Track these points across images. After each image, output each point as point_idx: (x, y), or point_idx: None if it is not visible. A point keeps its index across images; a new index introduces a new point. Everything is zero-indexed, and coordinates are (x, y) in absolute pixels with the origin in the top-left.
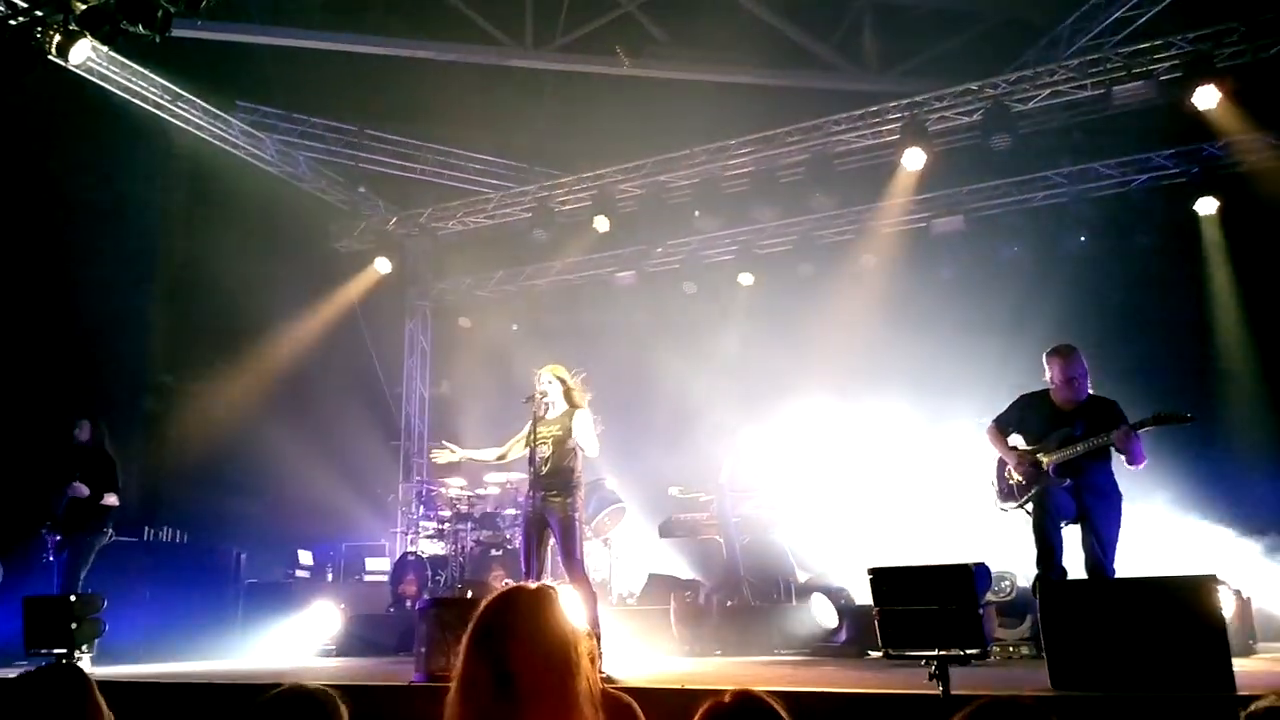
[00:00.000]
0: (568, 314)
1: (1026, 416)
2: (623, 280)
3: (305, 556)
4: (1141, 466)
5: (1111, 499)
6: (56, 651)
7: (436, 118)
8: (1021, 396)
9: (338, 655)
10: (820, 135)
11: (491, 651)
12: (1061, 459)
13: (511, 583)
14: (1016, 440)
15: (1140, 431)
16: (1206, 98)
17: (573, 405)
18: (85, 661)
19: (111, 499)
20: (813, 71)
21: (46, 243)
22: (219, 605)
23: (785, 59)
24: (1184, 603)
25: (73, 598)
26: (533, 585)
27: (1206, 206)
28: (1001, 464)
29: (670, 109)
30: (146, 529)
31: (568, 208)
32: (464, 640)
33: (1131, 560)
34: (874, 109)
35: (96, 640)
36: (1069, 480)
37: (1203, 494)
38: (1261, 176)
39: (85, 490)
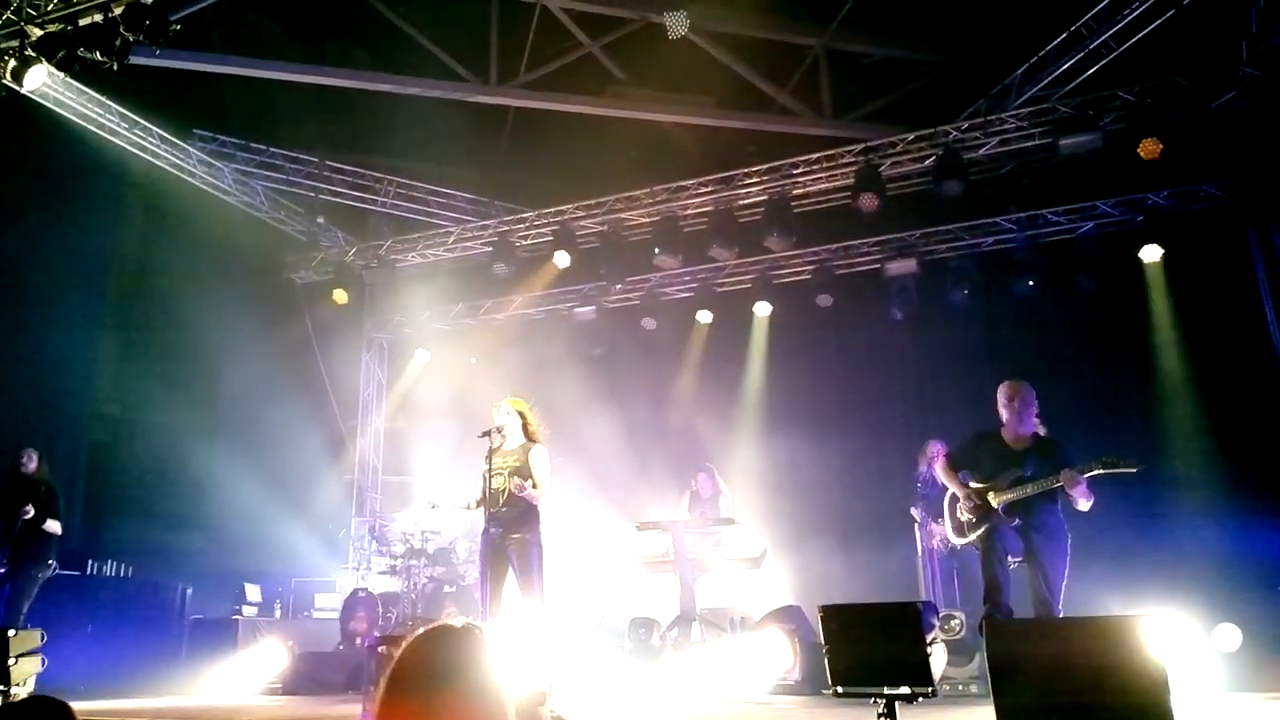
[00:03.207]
0: (526, 348)
1: (979, 454)
2: (582, 315)
3: (253, 592)
4: (1088, 507)
5: (1058, 539)
6: None
7: (398, 150)
8: (974, 434)
9: (285, 693)
10: (778, 177)
11: (413, 697)
12: (1011, 499)
13: (462, 619)
14: (968, 477)
15: (1087, 475)
16: (1151, 149)
17: (530, 440)
18: (22, 695)
19: (54, 525)
20: (770, 115)
21: None
22: (163, 641)
23: (744, 101)
24: (1125, 642)
25: (11, 633)
26: (457, 624)
27: (1150, 254)
28: (954, 499)
29: (631, 147)
30: (89, 563)
31: (528, 243)
32: (382, 684)
33: (1080, 600)
34: (830, 153)
35: (35, 677)
36: (1017, 519)
37: (1150, 531)
38: (1203, 225)
39: (32, 511)
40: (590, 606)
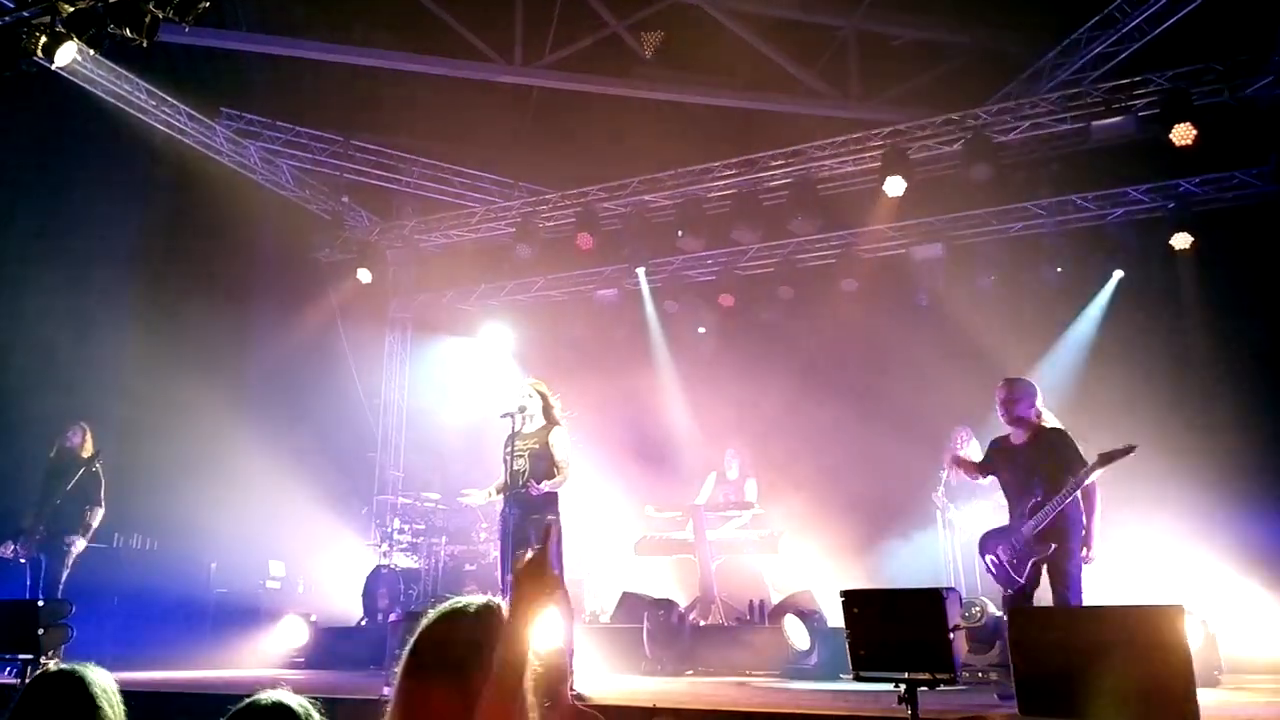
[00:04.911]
0: (549, 329)
1: (998, 463)
2: (605, 297)
3: (277, 567)
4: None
5: (1069, 531)
6: (22, 657)
7: (422, 130)
8: (991, 442)
9: (308, 667)
10: (803, 160)
11: (436, 673)
12: (1038, 527)
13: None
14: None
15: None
16: (1183, 135)
17: (551, 421)
18: (51, 668)
19: (95, 515)
20: (797, 96)
21: (24, 245)
22: (188, 615)
23: (770, 83)
24: (1150, 632)
25: (40, 603)
26: (480, 601)
27: (1181, 241)
28: (992, 546)
29: (655, 129)
30: (116, 536)
31: (551, 224)
32: (402, 660)
33: (1104, 590)
34: (857, 135)
35: (63, 647)
36: (1052, 546)
37: (1172, 524)
38: (1235, 213)
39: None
40: (610, 587)
